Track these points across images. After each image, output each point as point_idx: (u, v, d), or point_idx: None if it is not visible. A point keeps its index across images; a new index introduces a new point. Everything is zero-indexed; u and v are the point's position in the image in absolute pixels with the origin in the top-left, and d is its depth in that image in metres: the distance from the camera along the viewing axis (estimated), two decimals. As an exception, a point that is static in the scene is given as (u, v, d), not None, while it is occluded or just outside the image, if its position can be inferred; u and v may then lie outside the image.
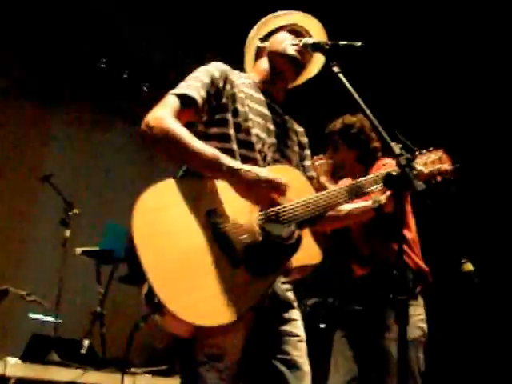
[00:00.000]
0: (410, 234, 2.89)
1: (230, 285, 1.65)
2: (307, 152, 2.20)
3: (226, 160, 1.73)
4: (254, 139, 1.92)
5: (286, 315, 1.90)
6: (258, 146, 1.94)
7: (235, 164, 1.74)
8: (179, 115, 1.80)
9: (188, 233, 1.67)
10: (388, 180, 1.67)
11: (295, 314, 1.94)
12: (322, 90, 3.51)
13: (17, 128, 5.42)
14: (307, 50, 2.02)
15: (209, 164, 1.72)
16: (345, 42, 1.88)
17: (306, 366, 1.87)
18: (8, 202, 5.17)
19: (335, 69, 1.83)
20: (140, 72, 5.69)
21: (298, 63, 2.05)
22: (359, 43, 1.85)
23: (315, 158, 2.88)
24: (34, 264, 5.25)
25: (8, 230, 5.14)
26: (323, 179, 2.79)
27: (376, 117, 1.75)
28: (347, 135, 2.95)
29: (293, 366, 1.83)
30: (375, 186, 1.96)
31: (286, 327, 1.88)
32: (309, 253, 1.84)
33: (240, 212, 1.74)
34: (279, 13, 2.15)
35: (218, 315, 1.61)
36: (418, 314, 2.73)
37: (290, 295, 1.94)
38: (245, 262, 1.69)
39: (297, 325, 1.92)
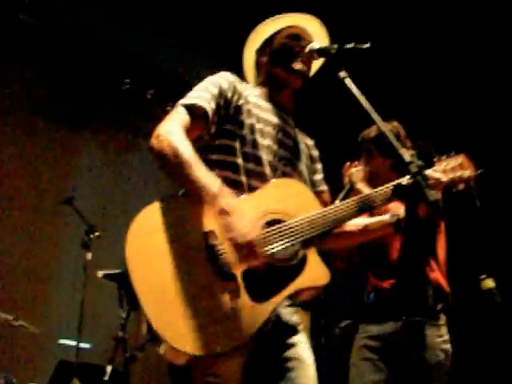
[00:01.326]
0: (441, 253, 2.82)
1: (227, 311, 1.55)
2: (318, 166, 2.11)
3: (223, 198, 1.62)
4: (261, 153, 1.83)
5: (290, 340, 1.79)
6: (269, 158, 1.85)
7: (230, 205, 1.62)
8: (190, 128, 1.74)
9: (183, 256, 1.59)
10: (398, 191, 1.55)
11: (300, 337, 1.82)
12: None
13: (41, 151, 5.42)
14: (312, 57, 1.94)
15: (205, 196, 1.63)
16: (351, 45, 1.77)
17: None
18: (31, 225, 5.15)
19: (342, 74, 1.72)
20: (165, 91, 5.64)
21: (302, 74, 1.97)
22: (367, 45, 1.74)
23: (350, 164, 2.89)
24: (56, 287, 5.22)
25: (30, 253, 5.11)
26: (361, 185, 2.72)
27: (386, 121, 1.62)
28: (381, 143, 2.87)
29: None
30: (386, 199, 1.83)
31: (291, 352, 1.77)
32: (315, 273, 1.72)
33: None
34: (270, 20, 2.05)
35: (215, 344, 1.51)
36: (440, 335, 2.64)
37: (295, 319, 1.82)
38: (244, 286, 1.59)
39: (302, 348, 1.80)
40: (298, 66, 1.94)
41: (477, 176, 1.90)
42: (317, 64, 2.11)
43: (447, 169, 1.88)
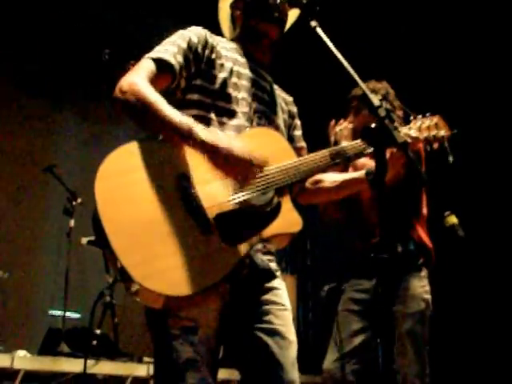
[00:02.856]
0: (424, 210, 2.91)
1: (199, 252, 1.54)
2: (297, 122, 2.10)
3: (200, 130, 1.60)
4: (236, 106, 1.82)
5: (267, 284, 1.79)
6: (244, 110, 1.84)
7: (209, 136, 1.60)
8: (155, 81, 1.70)
9: (155, 197, 1.55)
10: (366, 134, 1.52)
11: (278, 283, 1.82)
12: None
13: (23, 121, 5.39)
14: (286, 6, 1.90)
15: (181, 133, 1.59)
16: None
17: (290, 335, 1.76)
18: (14, 193, 5.15)
19: (313, 23, 1.69)
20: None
21: (279, 22, 1.94)
22: None
23: (335, 122, 2.89)
24: (41, 255, 5.24)
25: (14, 221, 5.11)
26: (344, 143, 2.72)
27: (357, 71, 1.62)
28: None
29: (276, 335, 1.72)
30: (359, 152, 1.86)
31: (267, 296, 1.77)
32: (288, 220, 1.72)
33: (215, 177, 1.62)
34: None
35: (185, 284, 1.49)
36: (422, 285, 2.74)
37: (272, 265, 1.83)
38: (217, 228, 1.58)
39: (279, 293, 1.80)
40: (272, 12, 1.90)
41: (451, 136, 1.92)
42: (292, 18, 2.07)
43: (422, 127, 1.91)
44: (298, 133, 2.08)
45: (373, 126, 1.51)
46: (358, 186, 2.02)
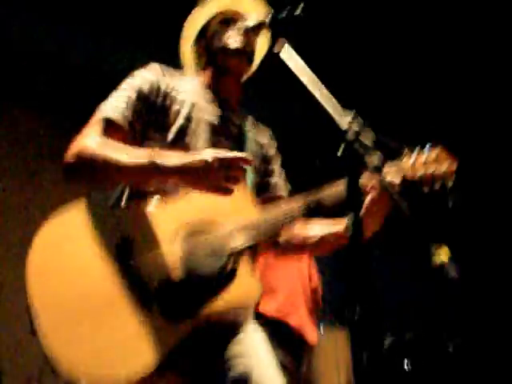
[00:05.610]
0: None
1: (137, 330, 1.38)
2: (274, 167, 1.89)
3: (164, 160, 1.47)
4: None
5: (235, 337, 1.57)
6: None
7: (174, 160, 1.47)
8: (107, 136, 1.62)
9: (91, 270, 1.44)
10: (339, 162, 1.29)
11: (247, 328, 1.60)
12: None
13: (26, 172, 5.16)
14: (250, 35, 1.75)
15: (147, 171, 1.48)
16: (284, 14, 1.53)
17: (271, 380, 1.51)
18: (15, 248, 4.69)
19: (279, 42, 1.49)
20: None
21: (246, 54, 1.82)
22: (299, 10, 1.49)
23: None
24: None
25: (17, 277, 4.85)
26: None
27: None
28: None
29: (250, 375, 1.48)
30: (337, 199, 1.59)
31: (233, 351, 1.53)
32: (243, 290, 1.49)
33: (160, 242, 1.48)
34: (198, 7, 1.90)
35: (113, 370, 1.34)
36: None
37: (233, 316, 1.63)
38: (158, 302, 1.43)
39: (244, 341, 1.56)
40: (235, 44, 1.79)
41: (455, 171, 1.54)
42: (264, 46, 1.94)
43: (418, 163, 1.56)
44: (274, 180, 1.86)
45: (339, 152, 1.29)
46: (338, 242, 1.75)
